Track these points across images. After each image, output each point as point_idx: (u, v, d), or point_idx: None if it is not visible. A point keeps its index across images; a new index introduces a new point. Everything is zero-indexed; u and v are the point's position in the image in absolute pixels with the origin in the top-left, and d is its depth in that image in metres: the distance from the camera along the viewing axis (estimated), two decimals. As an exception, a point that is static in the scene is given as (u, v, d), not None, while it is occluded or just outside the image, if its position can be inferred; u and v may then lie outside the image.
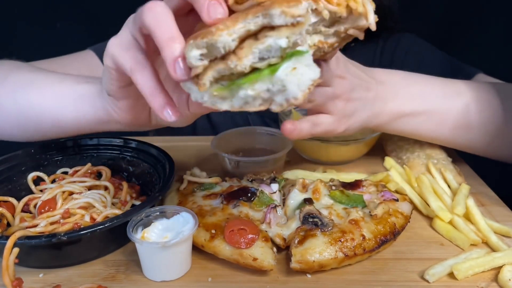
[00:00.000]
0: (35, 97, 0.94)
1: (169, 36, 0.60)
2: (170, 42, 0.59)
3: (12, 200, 0.92)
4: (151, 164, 1.00)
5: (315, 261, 0.75)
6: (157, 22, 0.61)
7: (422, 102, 1.00)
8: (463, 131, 1.03)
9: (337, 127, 0.90)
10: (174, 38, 0.59)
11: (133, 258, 0.81)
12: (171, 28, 0.60)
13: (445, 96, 1.02)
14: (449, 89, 1.03)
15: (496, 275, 0.76)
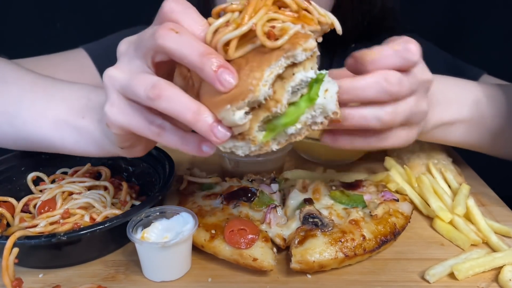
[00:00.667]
0: (30, 125, 0.89)
1: (195, 110, 0.60)
2: (198, 116, 0.60)
3: (12, 200, 0.92)
4: (151, 164, 1.00)
5: (315, 261, 0.75)
6: (175, 105, 0.61)
7: (459, 109, 0.94)
8: (498, 136, 0.99)
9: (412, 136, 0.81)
10: (200, 111, 0.60)
11: (133, 258, 0.81)
12: (191, 104, 0.61)
13: (479, 102, 0.97)
14: (480, 92, 0.98)
15: (496, 275, 0.76)
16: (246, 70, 0.59)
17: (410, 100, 0.75)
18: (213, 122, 0.60)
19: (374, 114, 0.72)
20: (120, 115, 0.68)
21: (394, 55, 0.71)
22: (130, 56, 0.69)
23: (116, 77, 0.67)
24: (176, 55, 0.61)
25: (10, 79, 0.96)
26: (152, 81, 0.62)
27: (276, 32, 0.60)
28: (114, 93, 0.68)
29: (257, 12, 0.61)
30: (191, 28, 0.63)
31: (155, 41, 0.62)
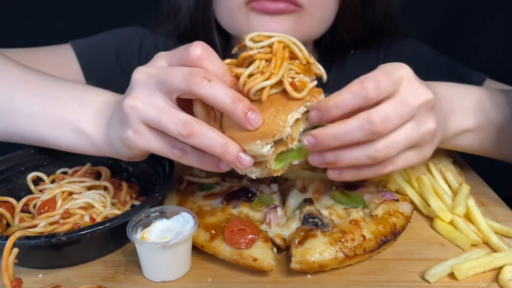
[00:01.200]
0: (23, 124, 0.91)
1: (222, 144, 0.70)
2: (226, 149, 0.70)
3: (12, 200, 0.92)
4: (151, 164, 1.00)
5: (315, 262, 0.75)
6: (205, 140, 0.70)
7: (478, 116, 0.95)
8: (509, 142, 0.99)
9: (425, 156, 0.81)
10: (227, 144, 0.71)
11: (133, 259, 0.81)
12: (219, 139, 0.71)
13: (497, 107, 0.97)
14: (495, 99, 0.99)
15: (496, 276, 0.76)
16: (272, 111, 0.72)
17: (406, 127, 0.74)
18: (239, 154, 0.71)
19: (365, 153, 0.72)
20: (144, 140, 0.75)
21: (353, 96, 0.71)
22: (150, 89, 0.74)
23: (139, 108, 0.74)
24: (209, 100, 0.71)
25: None
26: (182, 118, 0.71)
27: (297, 83, 0.74)
28: (138, 122, 0.75)
29: (282, 64, 0.73)
30: (216, 73, 0.73)
31: (189, 87, 0.70)
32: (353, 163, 0.74)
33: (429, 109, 0.77)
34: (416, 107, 0.74)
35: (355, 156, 0.73)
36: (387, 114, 0.71)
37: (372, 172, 0.77)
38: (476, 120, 0.95)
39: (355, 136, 0.71)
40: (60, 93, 0.91)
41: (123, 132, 0.77)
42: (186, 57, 0.74)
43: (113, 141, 0.83)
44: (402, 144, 0.74)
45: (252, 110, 0.70)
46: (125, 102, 0.75)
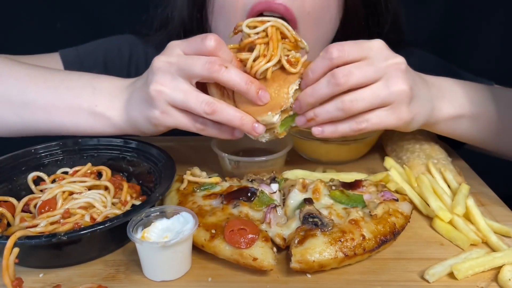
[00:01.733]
0: (40, 115, 0.99)
1: (240, 117, 0.87)
2: (243, 121, 0.87)
3: (12, 200, 0.92)
4: (151, 164, 1.01)
5: (315, 261, 0.75)
6: (226, 115, 0.86)
7: (471, 104, 1.01)
8: (505, 134, 1.04)
9: (400, 116, 0.89)
10: (243, 117, 0.87)
11: (133, 258, 0.81)
12: (236, 113, 0.87)
13: (489, 99, 1.03)
14: (489, 92, 1.04)
15: (496, 275, 0.76)
16: (276, 86, 0.90)
17: (374, 85, 0.86)
18: (254, 124, 0.88)
19: (335, 106, 0.86)
20: (170, 119, 0.89)
21: (321, 59, 0.87)
22: (173, 75, 0.87)
23: (165, 92, 0.86)
24: (227, 84, 0.86)
25: (3, 72, 0.99)
26: (205, 99, 0.86)
27: (292, 60, 0.90)
28: (165, 104, 0.88)
29: (278, 45, 0.89)
30: (227, 60, 0.87)
31: (210, 73, 0.84)
32: (328, 116, 0.87)
33: (399, 71, 0.86)
34: (382, 67, 0.86)
35: (327, 110, 0.87)
36: (350, 70, 0.84)
37: (348, 127, 0.88)
38: (469, 108, 1.01)
39: (324, 91, 0.85)
40: (70, 83, 0.99)
41: (150, 113, 0.89)
42: (202, 48, 0.86)
43: (137, 120, 0.94)
44: (369, 98, 0.85)
45: (262, 89, 0.87)
46: (151, 88, 0.87)
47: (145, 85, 0.90)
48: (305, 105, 0.88)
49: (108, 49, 1.41)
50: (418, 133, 1.22)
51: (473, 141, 1.08)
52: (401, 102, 0.87)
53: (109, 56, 1.40)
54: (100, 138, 1.07)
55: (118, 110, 0.96)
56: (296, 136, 1.15)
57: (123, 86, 0.99)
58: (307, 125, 0.91)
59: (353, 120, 0.88)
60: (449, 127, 1.02)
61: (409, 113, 0.89)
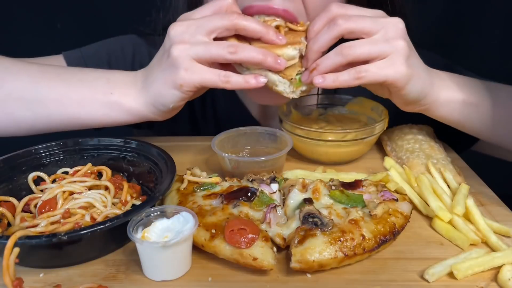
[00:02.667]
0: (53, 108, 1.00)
1: (263, 53, 0.92)
2: (266, 56, 0.92)
3: (13, 200, 0.92)
4: (151, 164, 1.01)
5: (315, 261, 0.75)
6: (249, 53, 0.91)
7: (470, 92, 1.04)
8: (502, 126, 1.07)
9: (398, 69, 0.91)
10: (266, 52, 0.92)
11: (134, 258, 0.81)
12: (259, 50, 0.92)
13: (488, 90, 1.06)
14: (489, 85, 1.08)
15: (495, 275, 0.76)
16: (289, 36, 0.99)
17: (374, 36, 0.91)
18: (276, 56, 0.93)
19: (335, 52, 0.92)
20: (195, 75, 0.91)
21: (323, 13, 0.94)
22: (191, 34, 0.91)
23: (188, 48, 0.90)
24: (248, 29, 0.92)
25: (14, 70, 1.03)
26: (227, 43, 0.91)
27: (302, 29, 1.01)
28: (189, 60, 0.90)
29: None
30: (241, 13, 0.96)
31: (231, 21, 0.90)
32: (328, 63, 0.92)
33: (397, 27, 0.92)
34: (381, 22, 0.92)
35: (328, 56, 0.93)
36: (349, 16, 0.91)
37: (348, 76, 0.91)
38: (467, 94, 1.04)
39: (325, 35, 0.92)
40: (83, 76, 1.02)
41: (175, 75, 0.91)
42: (220, 4, 0.94)
43: (160, 92, 0.96)
44: (368, 46, 0.90)
45: (278, 34, 0.95)
46: (173, 48, 0.90)
47: (164, 54, 0.94)
48: (310, 54, 0.95)
49: (111, 49, 1.41)
50: (418, 133, 1.22)
51: (471, 129, 1.10)
52: (398, 54, 0.91)
53: (112, 56, 1.40)
54: (101, 138, 1.07)
55: (134, 95, 0.98)
56: (296, 136, 1.15)
57: (136, 75, 1.02)
58: (310, 78, 0.95)
59: (353, 69, 0.91)
60: (447, 110, 1.04)
61: (407, 68, 0.92)
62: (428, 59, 1.07)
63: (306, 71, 0.97)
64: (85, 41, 1.42)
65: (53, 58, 1.34)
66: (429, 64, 1.04)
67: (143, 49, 1.43)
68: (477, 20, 1.95)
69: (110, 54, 1.40)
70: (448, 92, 1.03)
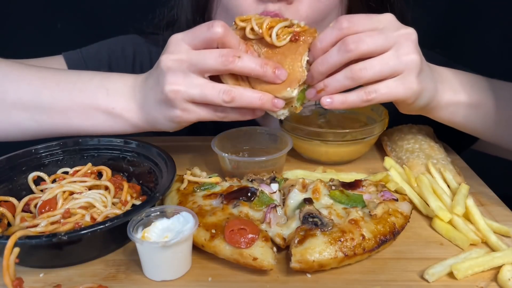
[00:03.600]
0: (57, 118, 1.00)
1: (259, 97, 0.88)
2: (262, 100, 0.88)
3: (13, 200, 0.92)
4: (151, 164, 1.01)
5: (315, 261, 0.75)
6: (245, 99, 0.87)
7: (472, 93, 1.02)
8: (505, 125, 1.05)
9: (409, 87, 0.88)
10: (262, 96, 0.88)
11: (134, 258, 0.81)
12: (255, 94, 0.88)
13: (490, 89, 1.04)
14: (491, 83, 1.06)
15: (495, 275, 0.76)
16: (289, 61, 0.89)
17: (385, 54, 0.86)
18: (273, 100, 0.88)
19: (344, 75, 0.87)
20: (192, 114, 0.90)
21: (330, 30, 0.87)
22: (185, 72, 0.87)
23: (182, 91, 0.87)
24: (243, 72, 0.87)
25: (13, 77, 1.01)
26: (221, 88, 0.86)
27: (299, 30, 0.89)
28: (184, 102, 0.88)
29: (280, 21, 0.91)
30: (236, 46, 0.88)
31: (225, 66, 0.85)
32: (338, 85, 0.88)
33: (410, 41, 0.87)
34: (393, 37, 0.86)
35: (337, 79, 0.88)
36: (360, 37, 0.84)
37: (357, 97, 0.89)
38: (469, 95, 1.01)
39: (335, 58, 0.86)
40: (83, 85, 1.00)
41: (171, 113, 0.90)
42: (210, 37, 0.85)
43: (158, 121, 0.95)
44: (379, 67, 0.86)
45: (278, 68, 0.87)
46: (166, 89, 0.87)
47: (158, 85, 0.90)
48: (316, 74, 0.89)
49: (111, 49, 1.41)
50: (418, 133, 1.22)
51: (472, 130, 1.08)
52: (410, 71, 0.87)
53: (113, 57, 1.40)
54: (101, 138, 1.07)
55: (136, 111, 0.97)
56: (296, 136, 1.15)
57: (135, 84, 0.99)
58: (317, 97, 0.92)
59: (362, 90, 0.88)
60: (449, 113, 1.02)
61: (418, 84, 0.89)
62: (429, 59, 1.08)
63: (312, 88, 0.93)
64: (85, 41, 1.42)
65: (53, 58, 1.34)
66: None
67: (143, 49, 1.42)
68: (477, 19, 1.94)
69: (110, 54, 1.40)
70: (451, 95, 1.00)
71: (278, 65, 0.88)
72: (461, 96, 1.01)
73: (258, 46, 0.90)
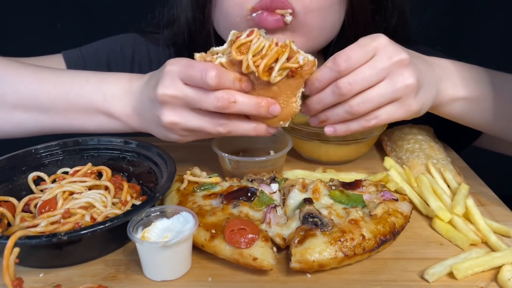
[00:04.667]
0: (58, 120, 1.02)
1: (254, 128, 0.92)
2: (257, 131, 0.92)
3: (13, 200, 0.92)
4: (151, 164, 1.01)
5: (315, 261, 0.75)
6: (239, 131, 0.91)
7: (475, 87, 1.02)
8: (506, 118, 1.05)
9: (408, 109, 0.91)
10: (257, 126, 0.92)
11: (134, 258, 0.81)
12: (250, 125, 0.92)
13: (494, 82, 1.04)
14: (494, 76, 1.06)
15: (495, 275, 0.76)
16: (284, 97, 0.90)
17: (380, 86, 0.88)
18: (267, 129, 0.93)
19: (344, 110, 0.90)
20: (191, 137, 0.95)
21: (328, 71, 0.87)
22: (181, 107, 0.89)
23: (179, 124, 0.90)
24: (239, 113, 0.88)
25: (12, 79, 1.01)
26: (217, 122, 0.89)
27: (296, 67, 0.86)
28: (182, 131, 0.92)
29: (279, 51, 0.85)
30: (231, 86, 0.86)
31: (221, 110, 0.86)
32: (339, 118, 0.91)
33: (403, 67, 0.88)
34: (386, 68, 0.87)
35: (337, 113, 0.91)
36: (353, 79, 0.86)
37: (358, 125, 0.92)
38: (473, 90, 1.02)
39: (330, 99, 0.89)
40: (79, 89, 1.00)
41: (171, 136, 0.95)
42: (203, 85, 0.85)
43: (158, 135, 0.98)
44: (376, 99, 0.88)
45: (272, 105, 0.89)
46: (163, 120, 0.89)
47: (155, 112, 0.91)
48: (313, 110, 0.94)
49: (110, 48, 1.41)
50: (418, 133, 1.22)
51: (476, 125, 1.09)
52: (408, 96, 0.89)
53: (112, 56, 1.40)
54: (101, 138, 1.07)
55: (134, 117, 0.99)
56: (296, 136, 1.15)
57: (130, 90, 0.98)
58: (320, 125, 0.95)
59: (362, 118, 0.91)
60: (452, 109, 1.03)
61: (417, 104, 0.91)
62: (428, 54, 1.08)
63: (314, 118, 0.95)
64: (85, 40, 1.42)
65: (52, 57, 1.34)
66: None
67: (143, 48, 1.42)
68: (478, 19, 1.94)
69: (109, 53, 1.40)
70: (453, 91, 1.00)
71: (272, 102, 0.89)
72: (464, 91, 1.01)
73: (254, 77, 0.86)
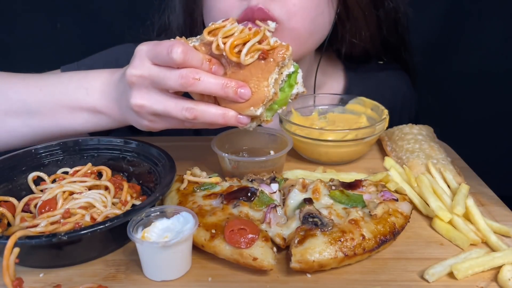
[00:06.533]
0: (47, 122, 1.04)
1: (222, 114, 0.87)
2: (226, 117, 0.87)
3: (13, 200, 0.92)
4: (151, 164, 1.01)
5: (315, 261, 0.75)
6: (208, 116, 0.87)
7: None
8: None
9: None
10: (225, 113, 0.87)
11: (134, 258, 0.81)
12: (218, 111, 0.87)
13: None
14: None
15: (495, 275, 0.76)
16: (254, 80, 0.86)
17: None
18: (238, 116, 0.87)
19: None
20: (160, 124, 0.94)
21: None
22: (148, 88, 0.89)
23: (146, 106, 0.89)
24: (204, 92, 0.86)
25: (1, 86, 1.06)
26: (184, 105, 0.87)
27: (267, 48, 0.85)
28: (149, 115, 0.91)
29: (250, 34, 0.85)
30: (198, 65, 0.85)
31: (184, 88, 0.84)
32: None
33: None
34: None
35: None
36: None
37: None
38: None
39: None
40: (63, 87, 1.03)
41: (140, 122, 0.94)
42: (169, 62, 0.84)
43: (134, 123, 0.98)
44: None
45: (240, 87, 0.85)
46: (131, 102, 0.90)
47: (126, 95, 0.92)
48: None
49: (106, 61, 1.41)
50: (418, 133, 1.22)
51: None
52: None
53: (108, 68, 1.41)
54: (100, 138, 1.07)
55: (114, 107, 1.00)
56: (296, 136, 1.15)
57: (110, 81, 1.01)
58: None
59: None
60: None
61: None
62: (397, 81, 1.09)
63: None
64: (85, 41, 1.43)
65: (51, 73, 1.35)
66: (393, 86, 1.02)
67: None
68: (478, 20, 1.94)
69: (105, 66, 1.40)
70: None
71: (242, 84, 0.85)
72: None
73: (226, 60, 0.86)
